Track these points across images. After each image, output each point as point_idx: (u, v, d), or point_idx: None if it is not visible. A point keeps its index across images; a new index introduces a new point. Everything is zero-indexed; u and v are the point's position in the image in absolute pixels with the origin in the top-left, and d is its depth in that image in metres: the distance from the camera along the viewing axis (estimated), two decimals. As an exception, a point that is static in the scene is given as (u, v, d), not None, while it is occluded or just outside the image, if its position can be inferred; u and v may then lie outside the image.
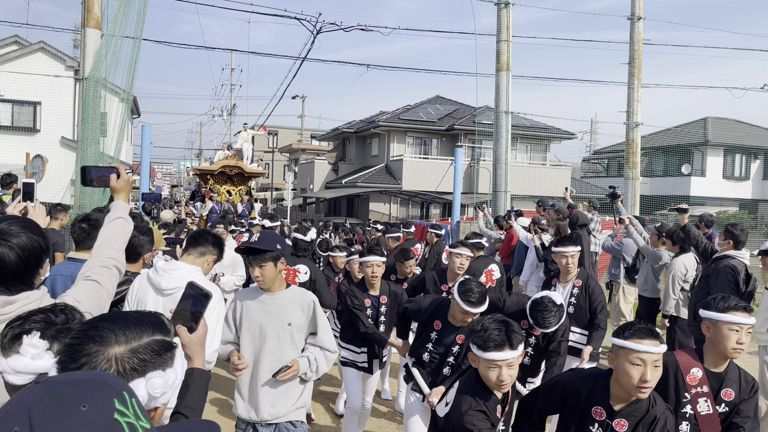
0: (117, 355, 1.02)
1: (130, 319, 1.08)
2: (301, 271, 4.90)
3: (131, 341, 1.04)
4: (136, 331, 1.06)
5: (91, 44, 8.42)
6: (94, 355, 1.01)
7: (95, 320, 1.09)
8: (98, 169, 2.25)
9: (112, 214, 2.16)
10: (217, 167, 18.95)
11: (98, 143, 8.39)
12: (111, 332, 1.03)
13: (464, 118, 27.53)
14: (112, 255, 2.02)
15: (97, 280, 1.91)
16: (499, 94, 11.12)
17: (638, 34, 12.05)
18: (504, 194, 11.27)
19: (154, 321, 1.12)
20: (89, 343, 1.02)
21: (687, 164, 28.05)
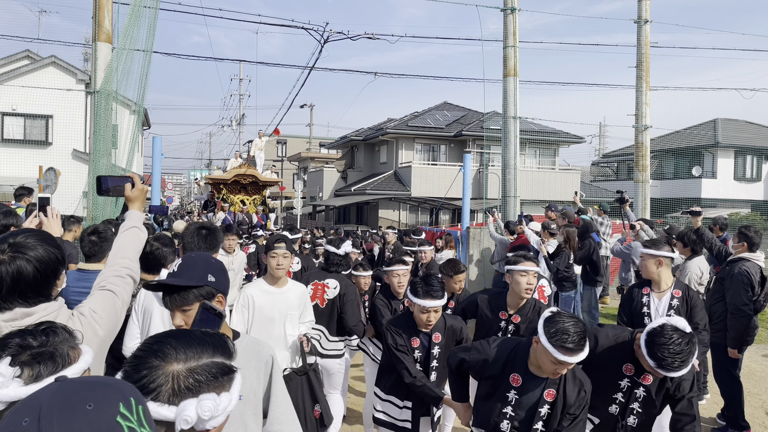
0: (174, 372, 1.04)
1: (194, 339, 1.11)
2: (330, 286, 4.42)
3: (190, 360, 1.06)
4: (196, 351, 1.08)
5: (102, 58, 8.52)
6: (155, 369, 1.04)
7: (162, 335, 1.13)
8: (113, 179, 2.27)
9: (126, 223, 2.17)
10: (231, 176, 18.39)
11: (110, 155, 8.48)
12: (173, 349, 1.07)
13: (472, 123, 27.54)
14: (126, 264, 2.03)
15: (112, 290, 1.93)
16: (507, 100, 11.12)
17: (645, 38, 12.04)
18: (513, 199, 11.24)
19: (217, 343, 1.13)
20: (152, 358, 1.06)
21: (697, 166, 27.87)
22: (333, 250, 4.58)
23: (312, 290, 4.41)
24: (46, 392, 0.82)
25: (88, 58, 32.73)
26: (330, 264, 4.54)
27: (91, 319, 1.78)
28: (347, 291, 4.38)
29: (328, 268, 4.55)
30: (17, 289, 1.60)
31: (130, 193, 2.19)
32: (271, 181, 19.68)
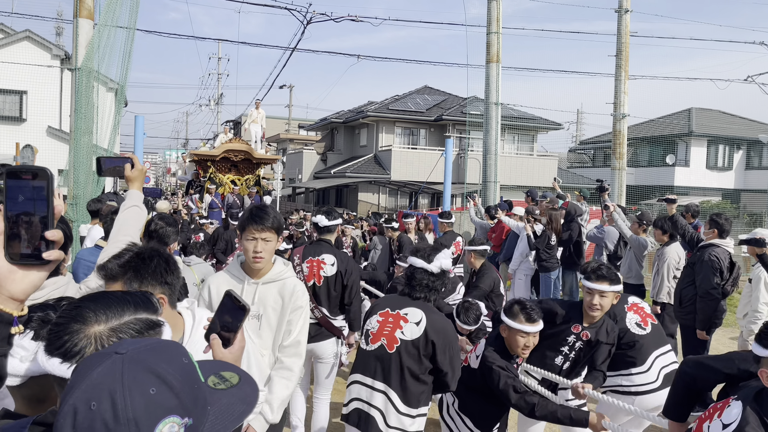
0: (96, 334, 1.06)
1: (112, 299, 1.12)
2: (327, 263, 4.02)
3: (111, 320, 1.08)
4: (116, 310, 1.10)
5: (84, 34, 8.40)
6: (76, 333, 1.06)
7: (79, 300, 1.14)
8: (112, 159, 2.30)
9: (126, 202, 2.24)
10: (220, 152, 15.86)
11: (91, 134, 8.40)
12: (91, 312, 1.08)
13: (452, 108, 27.65)
14: (127, 241, 2.09)
15: None
16: (489, 86, 11.25)
17: (625, 27, 12.22)
18: (494, 184, 11.42)
19: (138, 300, 1.15)
20: (72, 323, 1.07)
21: (671, 154, 28.43)
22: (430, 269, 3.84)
23: (308, 268, 3.97)
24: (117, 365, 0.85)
25: (60, 32, 31.99)
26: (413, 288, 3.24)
27: None
28: (348, 267, 4.05)
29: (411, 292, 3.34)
30: None
31: (130, 173, 2.22)
32: (266, 159, 17.29)
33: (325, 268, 4.00)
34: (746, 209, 24.71)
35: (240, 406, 1.01)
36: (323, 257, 4.03)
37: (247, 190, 15.97)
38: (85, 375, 0.84)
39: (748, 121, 30.57)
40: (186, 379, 0.88)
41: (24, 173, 1.09)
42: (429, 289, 2.86)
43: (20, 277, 1.10)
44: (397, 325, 2.81)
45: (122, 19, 8.40)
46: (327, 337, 4.06)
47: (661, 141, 28.60)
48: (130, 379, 0.83)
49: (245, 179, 16.48)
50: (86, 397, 0.82)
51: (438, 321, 2.79)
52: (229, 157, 15.96)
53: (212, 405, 0.94)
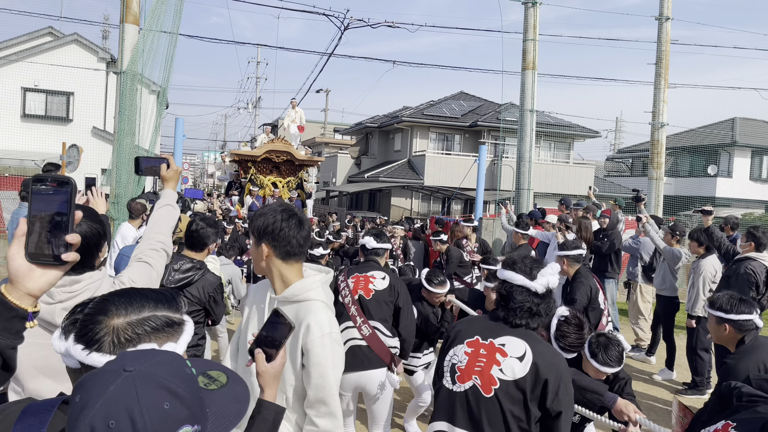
0: (114, 326, 1.12)
1: (135, 295, 1.18)
2: (377, 277, 3.75)
3: (130, 314, 1.14)
4: (137, 306, 1.15)
5: (129, 39, 8.69)
6: (98, 323, 1.13)
7: (109, 294, 1.21)
8: (149, 159, 2.39)
9: (161, 201, 2.33)
10: (261, 152, 15.07)
11: (134, 135, 8.69)
12: (114, 305, 1.15)
13: (488, 114, 27.53)
14: (160, 239, 2.20)
15: (148, 262, 2.11)
16: (525, 93, 11.20)
17: (666, 35, 12.03)
18: (527, 192, 11.36)
19: (161, 298, 1.20)
20: (97, 314, 1.14)
21: (713, 165, 27.73)
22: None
23: (353, 282, 3.68)
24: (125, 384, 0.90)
25: (106, 35, 33.03)
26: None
27: None
28: (401, 287, 3.79)
29: None
30: None
31: (166, 173, 2.31)
32: (309, 161, 16.38)
33: (374, 282, 3.68)
34: (791, 223, 23.91)
35: (235, 406, 1.04)
36: (372, 273, 3.75)
37: (288, 193, 15.15)
38: (99, 394, 0.88)
39: (795, 131, 29.62)
40: (192, 389, 0.94)
41: (49, 181, 1.18)
42: (531, 314, 2.23)
43: (38, 275, 1.19)
44: (493, 360, 2.20)
45: (166, 24, 8.68)
46: (375, 365, 3.53)
47: (703, 151, 27.92)
48: (145, 397, 0.87)
49: (286, 181, 15.62)
50: (103, 416, 0.86)
51: (548, 354, 2.19)
52: (270, 158, 15.16)
53: (209, 406, 0.98)
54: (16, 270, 1.17)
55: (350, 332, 3.57)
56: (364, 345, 3.52)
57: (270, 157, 15.12)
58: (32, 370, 1.79)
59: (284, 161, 15.38)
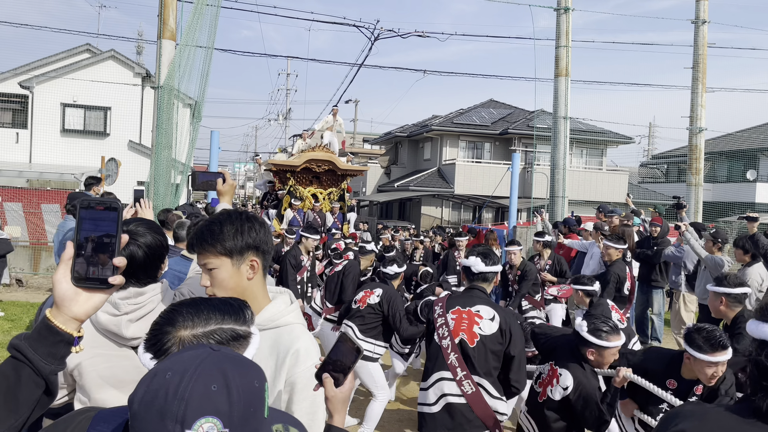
0: (182, 338, 1.14)
1: (202, 307, 1.20)
2: (485, 316, 3.24)
3: (197, 327, 1.16)
4: (203, 318, 1.17)
5: (166, 54, 8.88)
6: (167, 334, 1.15)
7: (177, 304, 1.23)
8: (205, 174, 2.45)
9: None
10: (302, 161, 13.29)
11: (171, 148, 8.86)
12: (181, 316, 1.17)
13: (518, 122, 27.32)
14: None
15: None
16: (558, 100, 11.09)
17: (703, 38, 11.79)
18: (561, 199, 11.21)
19: (228, 309, 1.21)
20: (166, 325, 1.17)
21: (752, 170, 26.98)
22: None
23: (454, 321, 3.14)
24: (196, 357, 0.94)
25: (140, 51, 33.87)
26: None
27: None
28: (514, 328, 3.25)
29: None
30: (130, 270, 1.76)
31: (221, 187, 2.36)
32: (353, 171, 14.56)
33: (481, 323, 3.08)
34: (836, 228, 23.11)
35: None
36: (478, 309, 3.13)
37: (329, 205, 13.60)
38: (195, 365, 0.91)
39: (839, 134, 28.65)
40: (247, 397, 0.91)
41: (97, 204, 1.19)
42: None
43: (84, 300, 1.18)
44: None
45: (201, 39, 8.85)
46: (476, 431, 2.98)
47: (742, 155, 27.21)
48: (203, 369, 0.90)
49: (327, 193, 13.99)
50: (167, 366, 0.91)
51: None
52: (311, 167, 13.58)
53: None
54: (63, 294, 1.17)
55: (447, 386, 3.02)
56: (465, 404, 2.98)
57: (310, 167, 13.54)
58: (98, 381, 1.82)
59: (325, 171, 13.77)
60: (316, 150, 13.64)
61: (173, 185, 9.12)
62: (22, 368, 1.13)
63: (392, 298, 4.70)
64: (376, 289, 4.81)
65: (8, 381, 1.13)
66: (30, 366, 1.13)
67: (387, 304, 4.65)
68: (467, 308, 3.12)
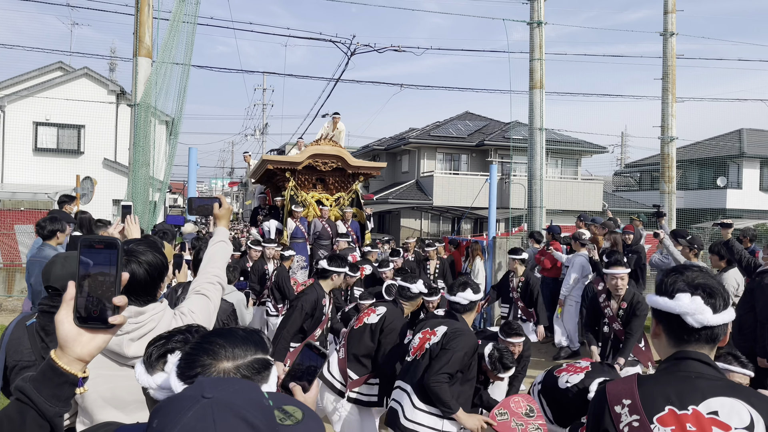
0: (225, 369, 1.15)
1: (239, 338, 1.21)
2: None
3: (238, 358, 1.17)
4: (242, 349, 1.19)
5: (142, 72, 8.85)
6: (208, 367, 1.15)
7: (209, 335, 1.24)
8: (201, 199, 2.50)
9: (214, 238, 2.44)
10: (304, 158, 10.91)
11: (149, 166, 8.80)
12: (222, 348, 1.17)
13: (494, 133, 27.64)
14: (216, 273, 2.30)
15: (206, 294, 2.19)
16: (533, 112, 11.26)
17: (671, 50, 12.11)
18: (539, 210, 11.35)
19: (257, 340, 1.24)
20: (204, 356, 1.17)
21: (722, 177, 27.64)
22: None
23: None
24: None
25: (113, 68, 33.56)
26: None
27: (191, 319, 2.00)
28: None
29: None
30: (130, 289, 1.80)
31: (218, 211, 2.42)
32: (367, 168, 11.74)
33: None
34: (805, 232, 23.70)
35: None
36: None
37: (339, 213, 11.15)
38: (176, 420, 0.87)
39: (804, 140, 29.53)
40: (268, 421, 0.92)
41: (96, 243, 1.20)
42: None
43: (87, 340, 1.19)
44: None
45: (177, 56, 8.84)
46: None
47: (711, 163, 27.86)
48: (222, 425, 0.86)
49: (335, 198, 11.34)
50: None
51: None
52: (316, 165, 11.03)
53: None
54: (66, 335, 1.17)
55: None
56: None
57: (315, 164, 11.01)
58: (100, 402, 1.81)
59: (333, 170, 11.23)
60: (322, 143, 11.25)
61: (151, 203, 9.04)
62: (27, 411, 1.13)
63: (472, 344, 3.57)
64: (439, 328, 3.57)
65: (13, 424, 1.13)
66: (34, 408, 1.13)
67: None
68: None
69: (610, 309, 4.83)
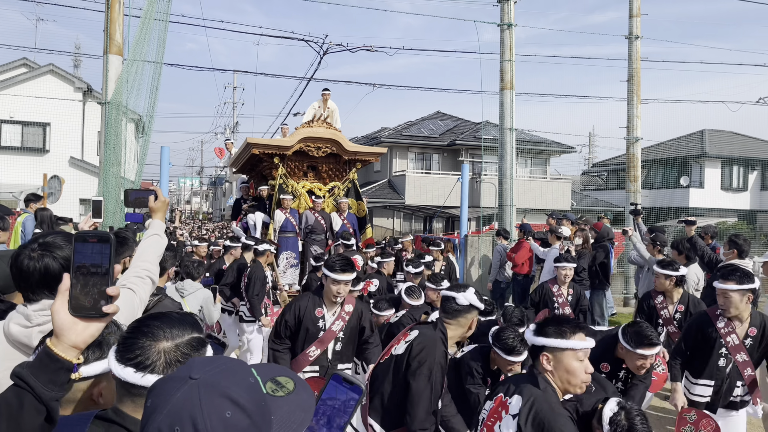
0: (165, 349, 1.22)
1: (174, 319, 1.29)
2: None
3: (176, 338, 1.24)
4: (179, 329, 1.26)
5: (113, 70, 8.75)
6: (147, 348, 1.21)
7: (145, 319, 1.30)
8: (137, 191, 2.47)
9: (149, 231, 2.39)
10: (294, 141, 9.68)
11: (120, 165, 8.71)
12: (160, 329, 1.24)
13: (465, 133, 27.92)
14: (146, 267, 2.25)
15: (132, 288, 2.14)
16: (504, 112, 11.46)
17: (636, 53, 12.44)
18: (510, 208, 11.56)
19: (192, 321, 1.32)
20: (143, 338, 1.23)
21: (685, 176, 28.41)
22: None
23: None
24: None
25: (78, 64, 32.87)
26: None
27: None
28: None
29: None
30: (44, 282, 1.78)
31: (153, 204, 2.39)
32: (365, 154, 10.49)
33: None
34: (762, 230, 24.55)
35: (299, 414, 1.03)
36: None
37: (332, 203, 10.09)
38: (166, 400, 0.91)
39: (762, 142, 30.52)
40: (254, 398, 0.95)
41: (90, 237, 1.27)
42: None
43: (82, 329, 1.24)
44: None
45: (150, 54, 8.76)
46: None
47: (675, 163, 28.62)
48: (208, 405, 0.90)
49: (329, 188, 10.23)
50: (169, 421, 0.89)
51: None
52: (307, 150, 9.82)
53: (274, 413, 0.99)
54: (61, 323, 1.22)
55: None
56: None
57: (306, 149, 9.80)
58: None
59: (327, 155, 10.01)
60: (315, 125, 9.97)
61: (122, 202, 8.95)
62: (24, 395, 1.17)
63: None
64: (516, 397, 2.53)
65: (10, 408, 1.16)
66: (31, 393, 1.17)
67: None
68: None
69: (736, 336, 3.77)
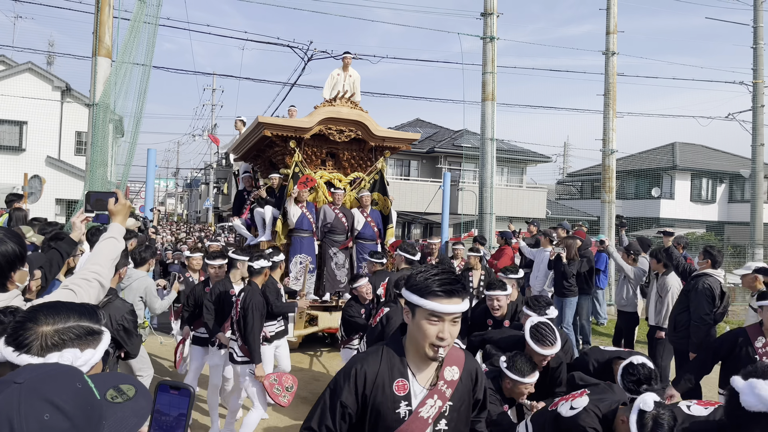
0: (43, 333, 1.26)
1: (62, 307, 1.34)
2: None
3: (57, 323, 1.28)
4: (63, 317, 1.30)
5: (102, 72, 8.77)
6: (29, 330, 1.27)
7: (40, 305, 1.36)
8: (99, 193, 2.49)
9: (106, 234, 2.35)
10: (314, 122, 8.17)
11: (106, 167, 8.72)
12: (43, 315, 1.29)
13: (444, 141, 28.24)
14: (95, 270, 2.20)
15: (73, 290, 2.10)
16: (485, 122, 11.74)
17: (612, 68, 12.84)
18: (489, 216, 11.84)
19: (84, 310, 1.36)
20: (28, 322, 1.29)
21: (657, 187, 29.14)
22: None
23: None
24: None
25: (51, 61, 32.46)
26: None
27: None
28: None
29: None
30: None
31: (113, 207, 2.37)
32: (396, 140, 8.92)
33: None
34: (730, 241, 25.33)
35: (132, 419, 1.11)
36: None
37: (352, 195, 8.69)
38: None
39: (730, 155, 31.47)
40: (78, 402, 1.01)
41: None
42: None
43: None
44: None
45: (138, 56, 8.81)
46: None
47: (647, 174, 29.34)
48: (26, 407, 0.95)
49: (350, 181, 8.76)
50: None
51: None
52: (328, 134, 8.31)
53: (107, 419, 1.06)
54: None
55: None
56: None
57: (327, 133, 8.30)
58: None
59: (350, 140, 8.48)
60: (338, 103, 8.38)
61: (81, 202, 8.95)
62: None
63: None
64: None
65: None
66: None
67: None
68: None
69: None
